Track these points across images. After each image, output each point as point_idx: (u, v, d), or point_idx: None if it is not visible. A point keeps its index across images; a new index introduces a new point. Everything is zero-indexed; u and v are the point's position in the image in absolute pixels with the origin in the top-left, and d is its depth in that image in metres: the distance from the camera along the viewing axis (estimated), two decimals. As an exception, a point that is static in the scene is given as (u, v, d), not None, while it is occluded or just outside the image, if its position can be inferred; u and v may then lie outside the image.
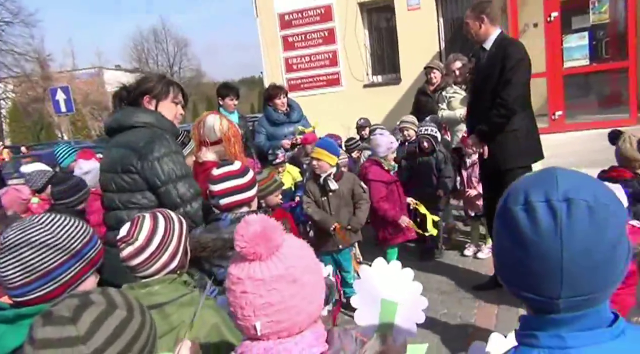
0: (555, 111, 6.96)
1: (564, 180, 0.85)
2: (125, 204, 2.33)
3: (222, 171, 2.28)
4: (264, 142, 5.21)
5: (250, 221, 1.02)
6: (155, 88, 2.52)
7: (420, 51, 9.13)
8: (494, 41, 3.75)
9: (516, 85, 3.59)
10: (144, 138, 2.32)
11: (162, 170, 2.28)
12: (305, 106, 10.00)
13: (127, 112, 2.45)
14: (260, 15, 10.52)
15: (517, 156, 3.71)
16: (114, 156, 2.38)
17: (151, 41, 43.83)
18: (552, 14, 6.73)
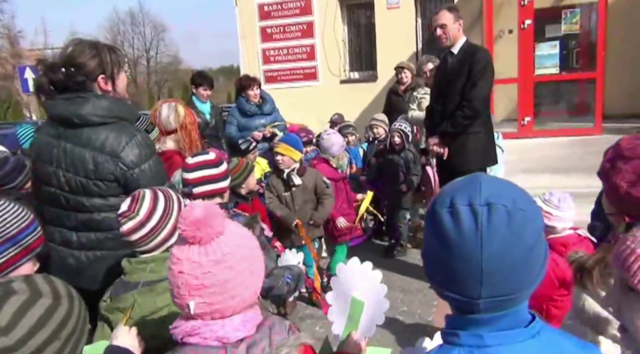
0: (524, 117, 7.11)
1: (486, 186, 0.90)
2: (99, 207, 2.09)
3: (197, 160, 2.27)
4: (234, 132, 5.19)
5: (194, 206, 1.06)
6: (106, 63, 2.09)
7: (398, 50, 9.18)
8: (461, 47, 3.85)
9: (482, 89, 3.71)
10: (119, 141, 2.03)
11: (144, 177, 2.07)
12: (281, 99, 9.97)
13: (87, 104, 2.03)
14: (239, 4, 10.42)
15: (476, 158, 3.82)
16: (75, 156, 2.04)
17: (128, 24, 42.88)
18: (526, 22, 6.86)
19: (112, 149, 2.03)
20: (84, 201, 2.08)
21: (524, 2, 6.85)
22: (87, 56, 2.05)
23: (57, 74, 2.04)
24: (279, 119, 5.40)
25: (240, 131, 5.14)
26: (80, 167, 2.04)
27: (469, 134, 3.79)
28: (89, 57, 2.06)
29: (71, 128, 2.06)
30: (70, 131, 2.07)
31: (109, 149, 2.03)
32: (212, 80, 5.34)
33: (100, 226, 2.10)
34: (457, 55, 3.83)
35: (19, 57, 30.53)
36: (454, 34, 3.82)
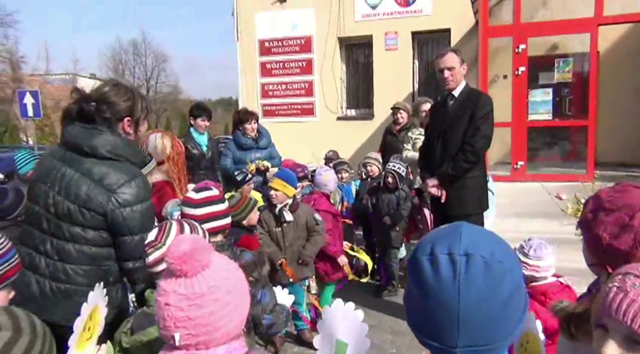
0: (517, 161, 7.18)
1: (467, 235, 0.91)
2: (76, 237, 2.07)
3: (203, 196, 2.22)
4: (229, 165, 5.20)
5: (181, 240, 1.08)
6: (136, 109, 2.20)
7: (395, 90, 9.36)
8: (463, 90, 3.85)
9: (485, 135, 3.71)
10: (120, 177, 2.07)
11: (133, 219, 2.07)
12: (277, 133, 10.07)
13: (99, 135, 2.09)
14: (240, 39, 10.65)
15: (473, 202, 3.81)
16: (72, 181, 2.07)
17: (130, 53, 43.50)
18: (520, 68, 7.02)
19: (110, 183, 2.06)
20: (65, 227, 2.07)
21: (518, 50, 7.02)
22: (121, 97, 2.16)
23: (89, 105, 2.12)
24: (274, 153, 5.42)
25: (235, 163, 5.16)
26: (72, 193, 2.06)
27: (467, 178, 3.78)
28: (122, 99, 2.16)
29: (78, 155, 2.11)
30: (76, 157, 2.11)
31: (107, 183, 2.06)
32: (211, 112, 5.39)
33: (70, 258, 2.08)
34: (459, 98, 3.82)
35: (20, 82, 30.78)
36: (459, 77, 3.79)
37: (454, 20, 9.09)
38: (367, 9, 9.81)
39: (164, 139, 3.01)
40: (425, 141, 4.27)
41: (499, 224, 5.12)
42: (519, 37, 7.02)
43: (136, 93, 2.23)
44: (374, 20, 9.77)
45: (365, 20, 9.83)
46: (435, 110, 4.15)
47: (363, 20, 9.84)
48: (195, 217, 2.16)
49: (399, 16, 9.60)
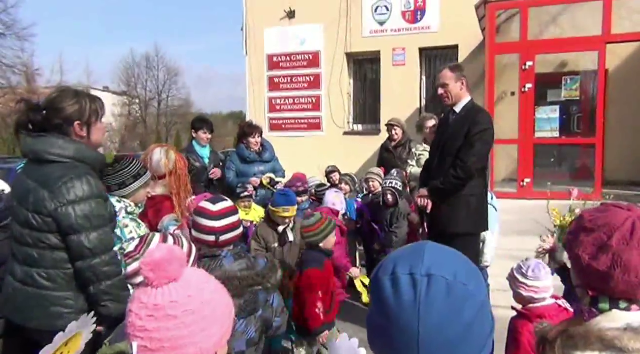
0: (524, 178, 7.11)
1: (430, 256, 0.88)
2: (36, 242, 2.11)
3: (222, 207, 2.20)
4: (232, 178, 5.19)
5: (158, 248, 1.06)
6: (84, 110, 2.19)
7: (402, 105, 9.35)
8: (464, 106, 3.81)
9: (478, 151, 3.64)
10: (62, 177, 2.07)
11: (76, 217, 2.06)
12: (284, 147, 10.13)
13: (47, 142, 2.11)
14: (249, 54, 10.74)
15: (468, 221, 3.70)
16: (26, 189, 2.12)
17: (143, 67, 44.05)
18: (527, 85, 6.99)
19: (52, 184, 2.07)
20: (26, 233, 2.11)
21: (525, 67, 7.00)
22: (67, 103, 2.17)
23: (37, 115, 2.15)
24: (278, 167, 5.41)
25: (239, 177, 5.15)
26: (25, 200, 2.11)
27: (461, 196, 3.70)
28: (69, 104, 2.17)
29: (33, 164, 2.15)
30: (33, 166, 2.16)
31: (50, 184, 2.07)
32: (212, 125, 5.38)
33: (35, 263, 2.12)
34: (460, 114, 3.79)
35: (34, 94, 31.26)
36: (456, 93, 3.75)
37: (462, 36, 9.10)
38: (375, 25, 9.86)
39: (167, 153, 3.02)
40: (430, 156, 4.25)
41: (503, 241, 5.04)
42: (526, 54, 7.00)
43: (83, 96, 2.23)
44: (381, 36, 9.81)
45: (373, 36, 9.88)
46: (440, 126, 4.15)
47: (371, 36, 9.89)
48: (215, 229, 2.14)
49: (406, 32, 9.64)
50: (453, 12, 9.07)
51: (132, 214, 2.53)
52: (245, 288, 2.03)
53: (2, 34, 31.96)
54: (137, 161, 2.65)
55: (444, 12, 9.30)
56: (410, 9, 9.61)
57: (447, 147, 3.79)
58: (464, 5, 8.42)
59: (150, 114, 43.78)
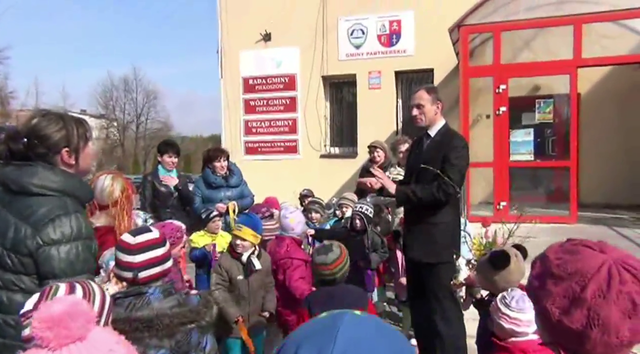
0: (500, 201, 7.04)
1: (344, 338, 0.68)
2: (7, 284, 1.85)
3: (142, 240, 1.99)
4: (198, 204, 4.97)
5: (56, 300, 0.84)
6: (72, 136, 1.97)
7: (379, 128, 9.29)
8: (439, 130, 3.68)
9: (458, 180, 3.52)
10: (49, 213, 1.86)
11: (59, 260, 1.83)
12: (260, 170, 10.02)
13: (32, 173, 1.90)
14: (224, 76, 10.63)
15: (442, 250, 3.51)
16: (2, 221, 1.89)
17: (121, 90, 43.69)
18: (501, 108, 6.98)
19: (36, 220, 1.84)
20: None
21: (498, 90, 7.01)
22: (52, 128, 1.95)
23: (18, 143, 1.93)
24: (246, 192, 5.20)
25: (204, 202, 4.92)
26: (1, 236, 1.85)
27: (435, 223, 3.56)
28: (54, 130, 1.95)
29: (12, 195, 1.91)
30: (11, 197, 1.91)
31: (32, 220, 1.84)
32: (179, 148, 5.21)
33: (6, 309, 1.83)
34: (435, 138, 3.66)
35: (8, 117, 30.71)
36: (431, 116, 3.62)
37: (437, 60, 9.13)
38: (351, 49, 9.86)
39: (113, 181, 2.80)
40: (403, 179, 4.12)
41: (479, 267, 4.92)
42: (499, 77, 7.02)
43: (68, 120, 2.00)
44: (357, 59, 9.81)
45: (349, 59, 9.87)
46: (412, 149, 4.02)
47: (347, 59, 9.88)
48: (134, 265, 1.94)
49: (382, 56, 9.65)
50: (428, 35, 9.12)
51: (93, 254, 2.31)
52: (177, 327, 1.83)
53: (-24, 57, 31.54)
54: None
55: (419, 36, 9.35)
56: (385, 33, 9.65)
57: (424, 172, 3.61)
58: (439, 29, 8.45)
59: (128, 137, 43.30)
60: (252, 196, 5.26)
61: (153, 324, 1.79)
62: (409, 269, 3.89)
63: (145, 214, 4.37)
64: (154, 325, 1.79)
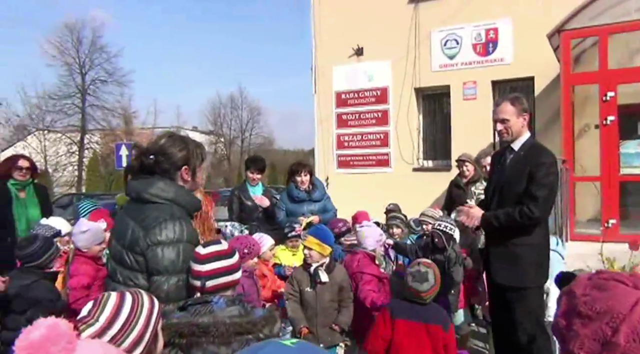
0: (608, 219, 6.41)
1: None
2: (126, 280, 2.14)
3: (210, 250, 2.15)
4: (282, 218, 5.08)
5: (36, 325, 0.88)
6: (191, 156, 2.31)
7: (474, 140, 8.91)
8: (524, 144, 3.43)
9: (546, 202, 3.27)
10: (158, 217, 2.13)
11: (162, 258, 2.08)
12: (352, 184, 10.06)
13: (149, 184, 2.20)
14: (318, 91, 10.84)
15: (531, 274, 3.30)
16: (124, 226, 2.21)
17: (228, 107, 46.29)
18: (609, 118, 6.38)
19: (147, 223, 2.12)
20: (119, 271, 2.17)
21: (606, 98, 6.41)
22: (176, 148, 2.27)
23: (148, 159, 2.25)
24: (329, 206, 5.23)
25: (288, 216, 5.02)
26: (122, 237, 2.18)
27: (522, 245, 3.31)
28: (177, 149, 2.27)
29: (135, 203, 2.24)
30: (133, 206, 2.25)
31: (145, 223, 2.13)
32: (263, 165, 5.38)
33: None
34: (518, 152, 3.42)
35: (131, 135, 33.81)
36: (517, 129, 3.38)
37: (538, 68, 8.60)
38: (444, 59, 9.61)
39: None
40: (485, 195, 3.87)
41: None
42: (606, 84, 6.42)
43: (190, 143, 2.33)
44: (451, 70, 9.53)
45: (442, 70, 9.62)
46: (494, 163, 3.75)
47: (440, 71, 9.64)
48: (200, 273, 2.08)
49: (477, 65, 9.29)
50: (527, 42, 8.62)
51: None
52: (232, 336, 1.89)
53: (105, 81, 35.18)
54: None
55: (518, 43, 8.88)
56: (481, 41, 9.29)
57: (507, 189, 3.41)
58: (539, 35, 7.96)
59: (234, 151, 45.64)
60: (335, 210, 5.28)
61: (209, 331, 1.87)
62: (492, 292, 3.66)
63: (241, 225, 4.56)
64: (210, 331, 1.87)
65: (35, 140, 31.95)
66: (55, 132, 32.25)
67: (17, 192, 4.78)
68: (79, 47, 34.69)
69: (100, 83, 35.24)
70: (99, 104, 35.04)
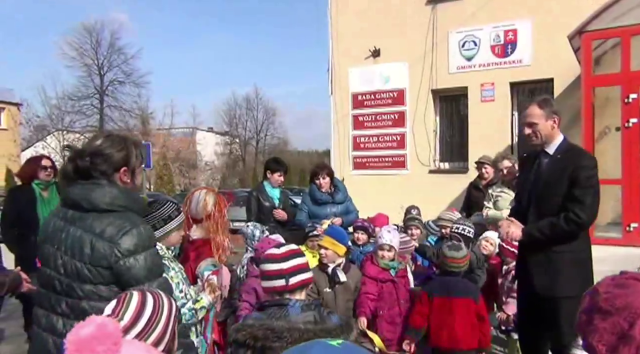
0: (630, 223, 6.32)
1: None
2: (88, 294, 2.04)
3: (286, 249, 2.16)
4: (304, 219, 5.07)
5: (88, 321, 0.91)
6: (131, 157, 2.20)
7: (491, 143, 8.85)
8: (559, 146, 3.30)
9: (592, 205, 3.14)
10: (120, 227, 2.05)
11: (138, 269, 2.04)
12: (368, 185, 10.06)
13: (97, 189, 2.09)
14: (334, 93, 10.86)
15: (567, 283, 3.16)
16: (76, 239, 2.06)
17: (243, 108, 46.58)
18: (631, 120, 6.29)
19: (111, 235, 2.03)
20: (76, 286, 2.04)
21: (627, 100, 6.33)
22: (114, 148, 2.16)
23: (84, 161, 2.12)
24: (351, 208, 5.24)
25: (311, 218, 5.00)
26: (77, 251, 2.05)
27: (563, 253, 3.20)
28: (116, 150, 2.16)
29: (80, 213, 2.11)
30: (78, 215, 2.11)
31: (108, 234, 2.03)
32: (287, 168, 5.39)
33: (86, 315, 2.02)
34: (554, 156, 3.29)
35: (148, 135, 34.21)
36: (547, 132, 3.27)
37: (557, 69, 8.52)
38: (462, 61, 9.56)
39: (207, 196, 3.02)
40: (515, 203, 3.74)
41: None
42: (629, 86, 6.34)
43: (129, 142, 2.22)
44: (469, 71, 9.48)
45: (460, 72, 9.58)
46: (526, 168, 3.59)
47: (458, 72, 9.59)
48: (284, 271, 2.07)
49: (495, 67, 9.23)
50: (547, 43, 8.56)
51: (162, 258, 2.51)
52: None
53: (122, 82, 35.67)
54: (170, 204, 2.65)
55: (537, 44, 8.80)
56: (500, 43, 9.22)
57: (547, 195, 3.28)
58: (559, 36, 7.89)
59: (249, 152, 45.93)
60: (357, 211, 5.31)
61: (283, 336, 1.84)
62: (521, 307, 3.57)
63: (262, 226, 4.58)
64: (284, 337, 1.84)
65: (55, 140, 32.49)
66: (74, 133, 32.77)
67: (41, 192, 4.88)
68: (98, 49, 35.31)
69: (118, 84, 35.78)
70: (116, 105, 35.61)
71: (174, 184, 35.46)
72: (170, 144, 39.09)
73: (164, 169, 34.08)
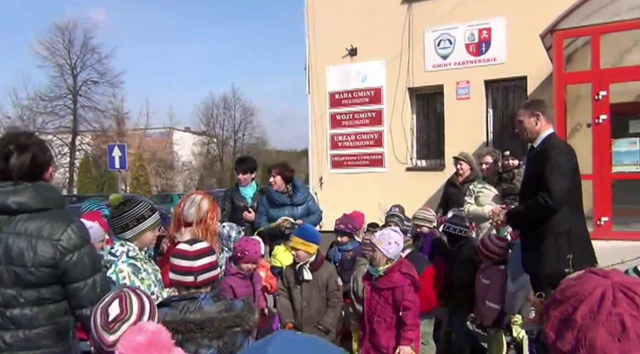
0: (601, 217, 6.46)
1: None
2: (30, 300, 1.99)
3: (199, 247, 2.28)
4: (263, 224, 4.79)
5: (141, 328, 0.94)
6: (52, 157, 2.24)
7: (467, 140, 8.98)
8: (543, 140, 3.70)
9: (559, 190, 3.40)
10: (57, 225, 2.03)
11: (83, 265, 2.04)
12: (346, 184, 10.07)
13: (24, 191, 2.04)
14: (312, 92, 10.86)
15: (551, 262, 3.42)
16: (11, 245, 1.98)
17: (221, 107, 46.20)
18: (601, 117, 6.43)
19: (50, 233, 2.02)
20: (16, 293, 1.99)
21: (598, 97, 6.47)
22: (43, 149, 2.16)
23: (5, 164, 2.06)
24: (314, 208, 5.00)
25: (269, 221, 4.77)
26: (16, 257, 1.99)
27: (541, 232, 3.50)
28: (41, 150, 2.15)
29: (7, 216, 2.04)
30: (5, 219, 2.04)
31: (47, 233, 2.02)
32: (250, 166, 5.22)
33: (30, 323, 2.00)
34: (536, 149, 3.73)
35: (123, 136, 33.73)
36: (531, 128, 3.71)
37: (530, 67, 8.67)
38: (437, 59, 9.67)
39: (202, 201, 3.06)
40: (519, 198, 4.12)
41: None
42: (599, 83, 6.48)
43: (45, 143, 2.25)
44: (445, 70, 9.59)
45: (435, 70, 9.68)
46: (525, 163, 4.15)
47: (433, 70, 9.70)
48: (193, 269, 2.19)
49: (471, 65, 9.36)
50: (520, 42, 8.70)
51: (134, 259, 2.49)
52: (224, 330, 2.03)
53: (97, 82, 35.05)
54: (143, 203, 2.61)
55: (511, 43, 8.95)
56: (474, 41, 9.35)
57: (528, 186, 3.71)
58: (532, 35, 8.03)
59: (226, 152, 45.61)
60: (320, 212, 5.12)
61: (204, 326, 1.99)
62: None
63: (238, 226, 4.54)
64: (205, 327, 1.99)
65: (26, 142, 31.62)
66: (47, 134, 32.13)
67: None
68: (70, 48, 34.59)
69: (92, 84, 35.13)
70: (90, 105, 34.94)
71: (150, 186, 35.06)
72: (147, 144, 38.62)
73: (140, 171, 33.68)
